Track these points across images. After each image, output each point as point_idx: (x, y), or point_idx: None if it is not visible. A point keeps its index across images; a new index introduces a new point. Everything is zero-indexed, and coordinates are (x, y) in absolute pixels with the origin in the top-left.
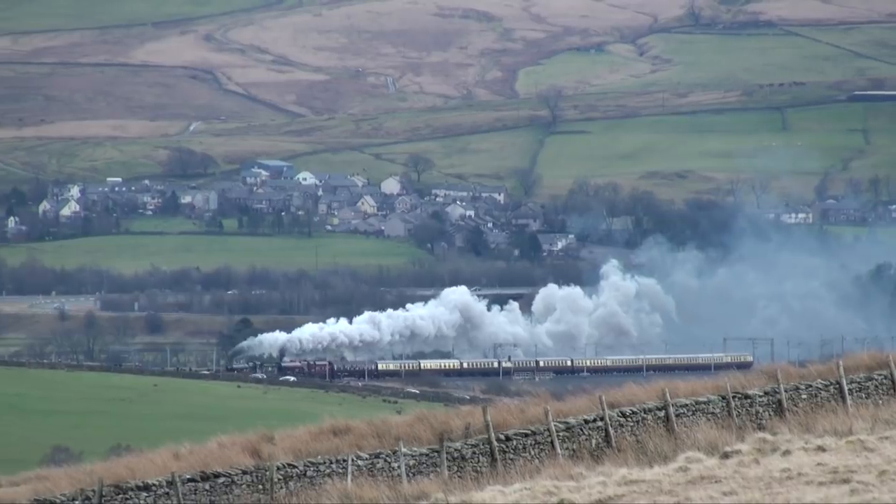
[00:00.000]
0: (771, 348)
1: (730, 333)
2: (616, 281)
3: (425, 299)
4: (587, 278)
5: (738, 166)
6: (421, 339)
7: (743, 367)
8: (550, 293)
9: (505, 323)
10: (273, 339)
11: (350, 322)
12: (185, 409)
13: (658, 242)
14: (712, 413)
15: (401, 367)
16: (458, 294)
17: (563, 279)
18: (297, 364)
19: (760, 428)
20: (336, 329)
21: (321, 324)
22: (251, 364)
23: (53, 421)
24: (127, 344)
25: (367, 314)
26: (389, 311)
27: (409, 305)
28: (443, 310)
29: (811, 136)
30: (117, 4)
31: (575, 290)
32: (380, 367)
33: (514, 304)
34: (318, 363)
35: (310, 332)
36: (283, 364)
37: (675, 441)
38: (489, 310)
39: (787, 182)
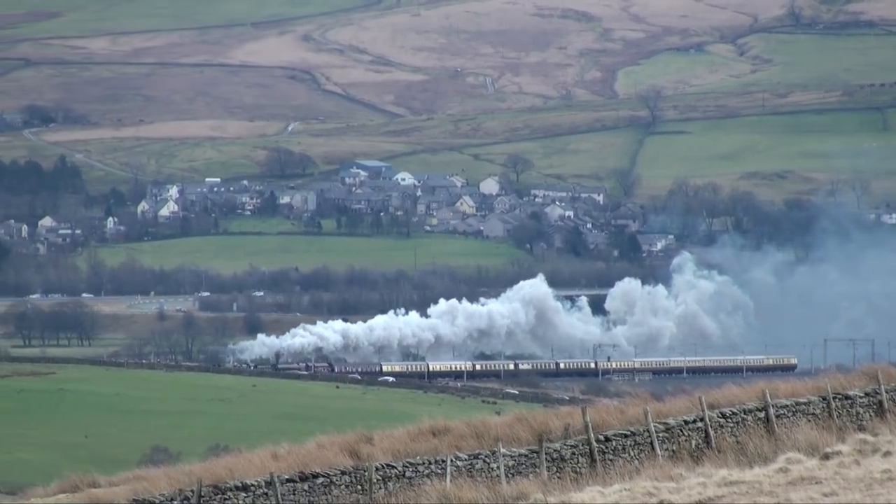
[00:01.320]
0: (871, 349)
1: (810, 334)
2: (691, 279)
3: (507, 296)
4: (661, 274)
5: (837, 167)
6: (495, 338)
7: (787, 370)
8: (627, 290)
9: (578, 322)
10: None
11: (426, 314)
12: (284, 410)
13: (733, 240)
14: (812, 414)
15: (406, 368)
16: (533, 286)
17: (662, 280)
18: (296, 366)
19: (861, 429)
20: (407, 326)
21: (392, 313)
22: (246, 366)
23: (152, 421)
24: (225, 344)
25: (443, 304)
26: (465, 303)
27: (482, 300)
28: (517, 305)
29: None
30: (216, 5)
31: (658, 289)
32: (384, 368)
33: (583, 301)
34: (317, 364)
35: (383, 323)
36: (278, 366)
37: (776, 442)
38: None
39: (888, 182)
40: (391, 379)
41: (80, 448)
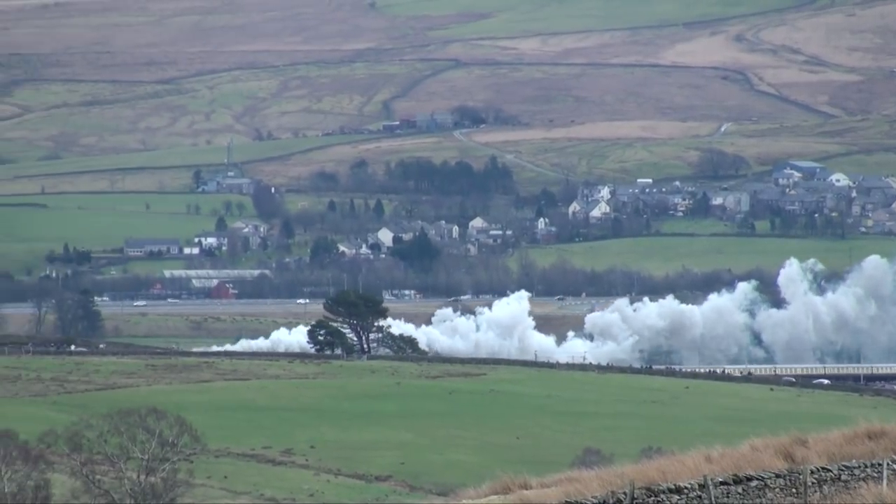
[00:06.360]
0: None
1: None
2: None
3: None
4: None
5: None
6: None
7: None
8: (872, 272)
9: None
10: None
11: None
12: (716, 412)
13: None
14: None
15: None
16: (875, 266)
17: None
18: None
19: None
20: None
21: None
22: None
23: (584, 422)
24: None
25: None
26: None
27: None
28: (860, 291)
29: None
30: (648, 5)
31: None
32: None
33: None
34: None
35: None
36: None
37: None
38: None
39: None
40: (826, 381)
41: (512, 449)
